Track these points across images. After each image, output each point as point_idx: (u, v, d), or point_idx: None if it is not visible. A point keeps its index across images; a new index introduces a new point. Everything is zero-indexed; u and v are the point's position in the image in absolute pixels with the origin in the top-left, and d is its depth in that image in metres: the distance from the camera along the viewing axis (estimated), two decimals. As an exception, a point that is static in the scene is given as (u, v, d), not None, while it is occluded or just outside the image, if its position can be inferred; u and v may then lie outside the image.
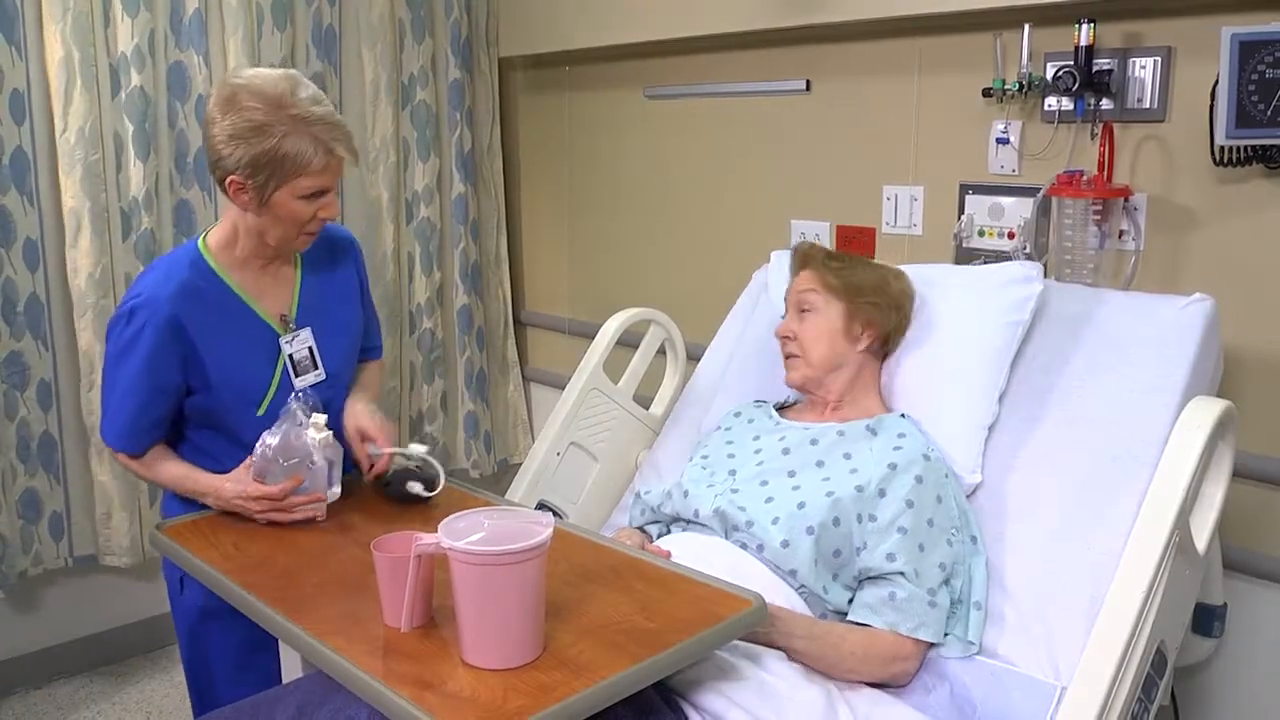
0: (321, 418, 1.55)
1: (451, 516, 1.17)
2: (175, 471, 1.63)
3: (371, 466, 1.65)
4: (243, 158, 1.48)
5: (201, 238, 1.65)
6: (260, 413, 1.62)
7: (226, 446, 1.63)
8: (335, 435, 1.60)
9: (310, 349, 1.67)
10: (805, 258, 1.77)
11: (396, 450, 1.64)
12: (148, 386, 1.58)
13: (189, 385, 1.60)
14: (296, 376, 1.66)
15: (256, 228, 1.58)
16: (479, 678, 1.11)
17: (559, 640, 1.18)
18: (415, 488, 1.59)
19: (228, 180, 1.52)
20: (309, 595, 1.34)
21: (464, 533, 1.14)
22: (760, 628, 1.37)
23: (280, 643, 1.42)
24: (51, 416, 2.48)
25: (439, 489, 1.60)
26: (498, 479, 3.21)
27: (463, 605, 1.12)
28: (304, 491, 1.54)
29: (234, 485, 1.56)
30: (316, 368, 1.68)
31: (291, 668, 1.42)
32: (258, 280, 1.65)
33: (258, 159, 1.48)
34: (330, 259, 1.75)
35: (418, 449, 1.64)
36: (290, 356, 1.65)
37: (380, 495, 1.64)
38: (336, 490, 1.60)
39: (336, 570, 1.42)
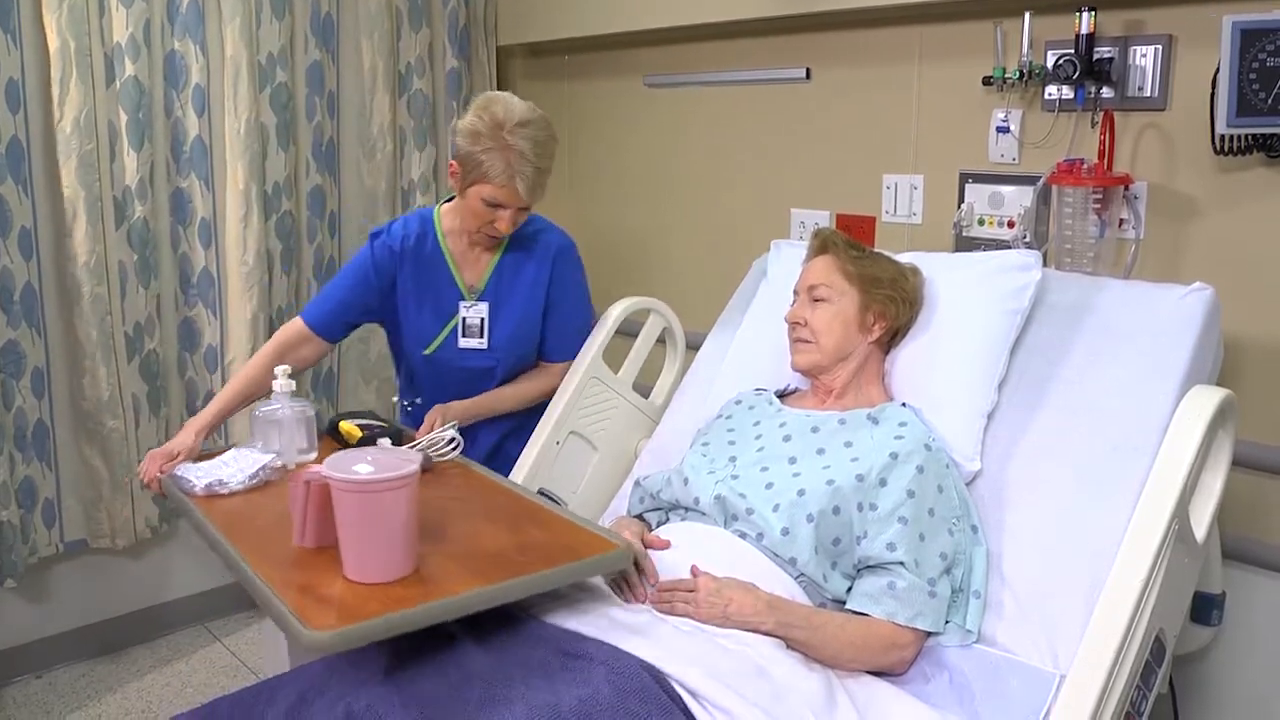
0: (284, 368, 1.74)
1: (344, 452, 1.32)
2: (228, 389, 1.91)
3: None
4: (460, 149, 1.86)
5: (439, 205, 2.04)
6: (427, 352, 2.01)
7: (405, 378, 2.12)
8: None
9: (482, 319, 1.99)
10: (825, 242, 1.75)
11: (435, 434, 1.81)
12: (345, 286, 2.00)
13: (382, 315, 2.03)
14: (463, 337, 1.99)
15: (459, 207, 1.95)
16: (351, 589, 1.29)
17: (431, 563, 1.35)
18: (384, 443, 1.74)
19: (450, 161, 1.90)
20: (259, 527, 1.50)
21: (348, 466, 1.29)
22: (753, 618, 1.38)
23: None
24: (44, 404, 2.48)
25: (421, 444, 1.77)
26: (497, 468, 3.22)
27: (340, 527, 1.30)
28: (275, 438, 1.71)
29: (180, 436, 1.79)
30: (480, 336, 1.99)
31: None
32: (466, 252, 2.01)
33: (465, 156, 1.85)
34: (529, 256, 2.02)
35: (447, 433, 1.81)
36: (464, 319, 1.98)
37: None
38: (312, 455, 1.74)
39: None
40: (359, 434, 1.80)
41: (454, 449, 1.78)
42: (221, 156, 2.63)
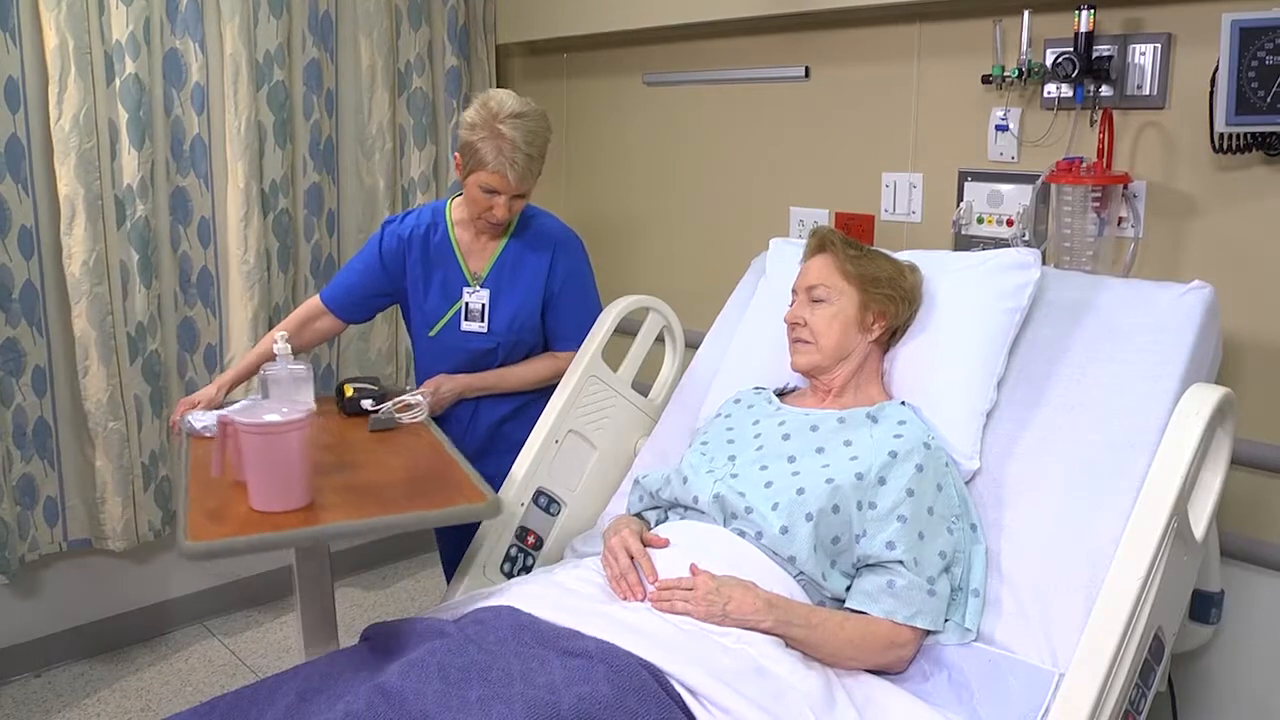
0: (283, 334, 1.91)
1: (262, 400, 1.52)
2: (250, 353, 2.12)
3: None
4: (461, 139, 1.98)
5: (451, 198, 2.16)
6: (432, 334, 2.14)
7: (418, 354, 2.22)
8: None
9: (483, 305, 2.10)
10: (823, 241, 1.74)
11: (403, 397, 1.98)
12: (356, 270, 2.16)
13: (396, 298, 2.17)
14: (465, 320, 2.11)
15: (464, 196, 2.07)
16: (248, 515, 1.46)
17: (327, 499, 1.51)
18: (366, 404, 1.96)
19: (454, 153, 2.04)
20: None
21: (258, 412, 1.47)
22: (752, 616, 1.38)
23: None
24: (46, 402, 2.48)
25: (387, 406, 1.95)
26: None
27: (244, 463, 1.48)
28: (275, 394, 1.85)
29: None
30: (481, 320, 2.10)
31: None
32: (472, 241, 2.12)
33: (465, 146, 1.97)
34: (530, 247, 2.12)
35: (414, 397, 1.99)
36: (466, 304, 2.10)
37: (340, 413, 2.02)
38: (311, 407, 1.86)
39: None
40: (351, 393, 2.01)
41: (419, 413, 1.96)
42: (221, 155, 2.63)
